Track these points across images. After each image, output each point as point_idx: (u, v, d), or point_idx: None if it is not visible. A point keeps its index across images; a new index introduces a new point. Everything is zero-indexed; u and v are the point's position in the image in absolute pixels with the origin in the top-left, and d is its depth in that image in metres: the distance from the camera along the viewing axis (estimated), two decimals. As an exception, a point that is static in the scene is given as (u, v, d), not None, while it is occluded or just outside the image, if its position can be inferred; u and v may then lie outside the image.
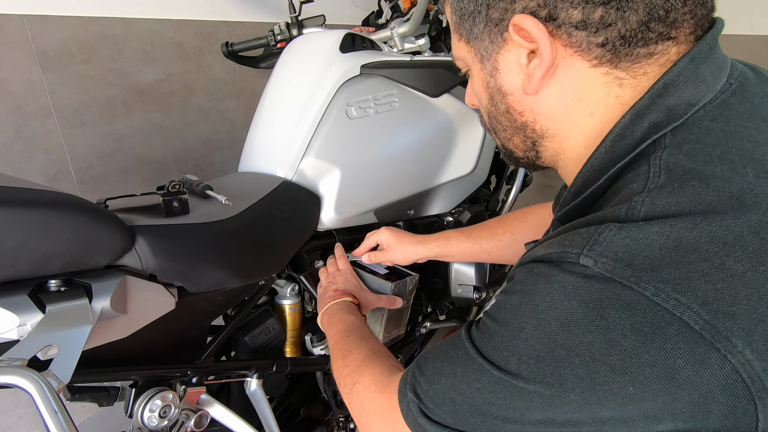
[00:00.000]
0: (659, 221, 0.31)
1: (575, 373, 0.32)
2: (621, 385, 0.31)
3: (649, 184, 0.34)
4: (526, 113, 0.43)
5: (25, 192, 0.45)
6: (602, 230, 0.33)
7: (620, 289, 0.30)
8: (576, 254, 0.33)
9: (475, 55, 0.44)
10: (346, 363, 0.57)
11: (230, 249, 0.64)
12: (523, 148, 0.47)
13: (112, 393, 0.62)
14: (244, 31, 1.75)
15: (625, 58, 0.36)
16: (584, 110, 0.39)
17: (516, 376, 0.35)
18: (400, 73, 0.85)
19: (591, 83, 0.38)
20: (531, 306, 0.35)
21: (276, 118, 0.85)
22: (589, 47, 0.36)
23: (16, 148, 1.28)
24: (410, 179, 0.90)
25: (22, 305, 0.45)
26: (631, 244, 0.31)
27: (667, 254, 0.30)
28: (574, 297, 0.32)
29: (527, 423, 0.35)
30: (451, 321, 1.12)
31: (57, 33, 1.29)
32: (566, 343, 0.32)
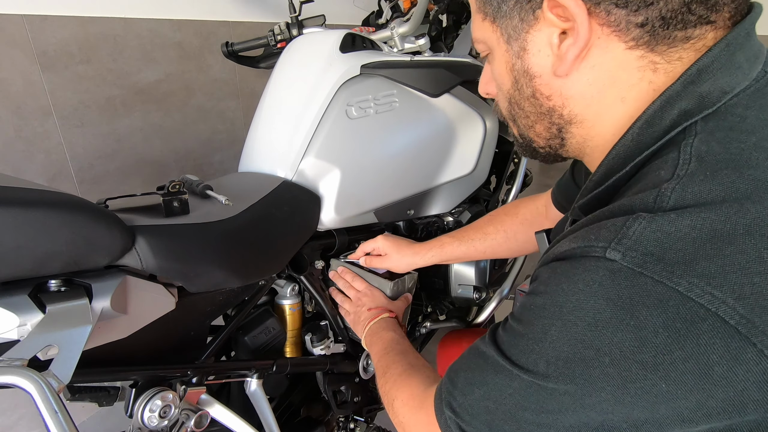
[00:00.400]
0: (692, 212, 0.30)
1: (605, 372, 0.31)
2: (653, 383, 0.30)
3: (679, 170, 0.32)
4: (554, 97, 0.41)
5: (25, 192, 0.45)
6: (631, 222, 0.32)
7: (651, 284, 0.29)
8: (602, 248, 0.32)
9: (501, 35, 0.42)
10: (386, 380, 0.58)
11: (230, 249, 0.64)
12: (547, 135, 0.45)
13: (112, 393, 0.62)
14: (244, 31, 1.74)
15: (663, 41, 0.35)
16: (616, 95, 0.38)
17: (545, 377, 0.34)
18: (400, 73, 0.85)
19: (625, 67, 0.36)
20: (555, 307, 0.34)
21: (276, 118, 0.85)
22: (628, 27, 0.35)
23: (16, 148, 1.28)
24: (410, 179, 0.90)
25: (22, 305, 0.45)
26: (663, 238, 0.30)
27: (701, 247, 0.29)
28: (602, 295, 0.31)
29: (561, 428, 0.34)
30: (451, 321, 1.12)
31: (57, 33, 1.29)
32: (594, 344, 0.31)
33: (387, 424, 1.14)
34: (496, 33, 0.42)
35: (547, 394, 0.34)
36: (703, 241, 0.29)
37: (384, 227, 0.98)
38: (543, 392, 0.34)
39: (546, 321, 0.34)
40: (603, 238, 0.32)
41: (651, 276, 0.29)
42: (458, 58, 0.97)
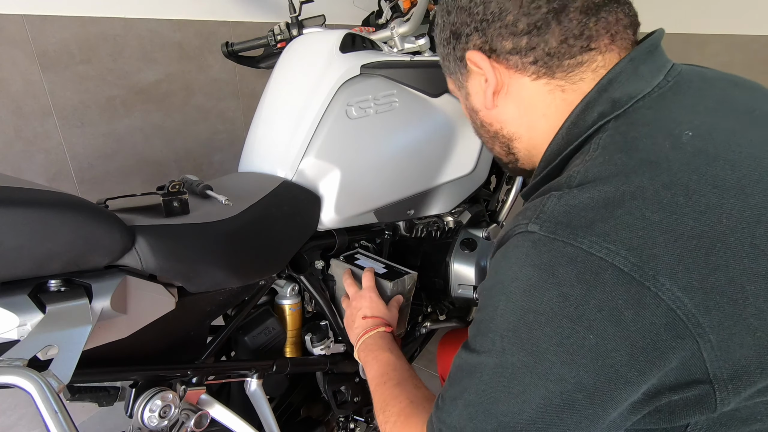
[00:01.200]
0: (590, 186, 0.37)
1: (545, 333, 0.36)
2: (583, 335, 0.34)
3: (587, 157, 0.40)
4: (494, 123, 0.53)
5: (25, 192, 0.45)
6: (545, 200, 0.39)
7: (563, 246, 0.35)
8: (525, 224, 0.39)
9: (456, 85, 0.56)
10: (386, 418, 0.57)
11: (230, 249, 0.64)
12: (504, 153, 0.56)
13: (112, 393, 0.62)
14: (244, 31, 1.75)
15: (558, 69, 0.45)
16: (538, 114, 0.48)
17: (502, 352, 0.38)
18: (400, 73, 0.85)
19: (537, 92, 0.47)
20: (499, 285, 0.40)
21: (276, 118, 0.85)
22: (524, 66, 0.46)
23: (16, 148, 1.28)
24: (410, 179, 0.90)
25: (22, 305, 0.45)
26: (569, 209, 0.37)
27: (598, 213, 0.35)
28: (529, 263, 0.37)
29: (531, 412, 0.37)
30: (451, 321, 1.12)
31: (57, 33, 1.29)
32: (532, 307, 0.36)
33: (387, 424, 1.14)
34: (454, 85, 0.57)
35: (510, 375, 0.38)
36: (599, 207, 0.36)
37: (384, 227, 0.98)
38: (505, 373, 0.38)
39: (494, 298, 0.40)
40: (526, 217, 0.39)
41: (562, 239, 0.36)
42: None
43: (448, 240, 1.00)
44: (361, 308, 0.77)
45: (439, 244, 1.01)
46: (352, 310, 0.78)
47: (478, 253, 0.96)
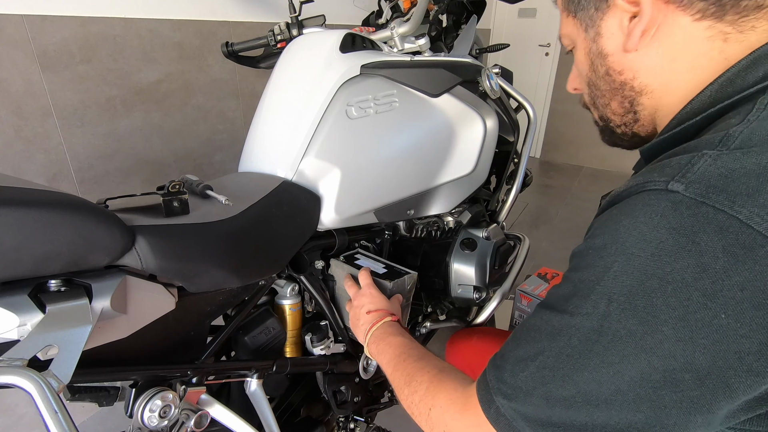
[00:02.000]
0: (757, 151, 0.31)
1: (668, 303, 0.31)
2: (714, 313, 0.30)
3: (750, 116, 0.34)
4: (625, 71, 0.45)
5: (25, 192, 0.45)
6: (696, 159, 0.33)
7: (713, 213, 0.30)
8: (664, 182, 0.33)
9: (581, 25, 0.48)
10: (413, 389, 0.52)
11: (230, 249, 0.64)
12: (621, 111, 0.49)
13: (112, 393, 0.62)
14: (244, 31, 1.75)
15: (731, 11, 0.37)
16: (686, 64, 0.40)
17: (606, 316, 0.33)
18: (400, 73, 0.85)
19: (694, 38, 0.39)
20: (617, 244, 0.34)
21: (276, 118, 0.85)
22: (691, 1, 0.38)
23: (16, 148, 1.28)
24: (410, 179, 0.90)
25: (22, 305, 0.45)
26: (727, 173, 0.31)
27: (765, 182, 0.30)
28: (664, 225, 0.32)
29: (621, 384, 0.33)
30: (451, 321, 1.12)
31: (57, 33, 1.29)
32: (658, 273, 0.32)
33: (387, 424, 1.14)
34: (576, 25, 0.49)
35: (608, 342, 0.33)
36: (767, 177, 0.30)
37: (384, 227, 0.98)
38: (603, 340, 0.34)
39: (608, 259, 0.34)
40: (666, 174, 0.33)
41: (713, 205, 0.30)
42: (458, 58, 0.97)
43: (448, 240, 1.00)
44: (363, 305, 0.76)
45: (439, 244, 1.01)
46: (355, 309, 0.78)
47: (478, 253, 0.96)
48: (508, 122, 1.15)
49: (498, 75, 1.09)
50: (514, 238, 1.17)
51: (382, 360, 0.65)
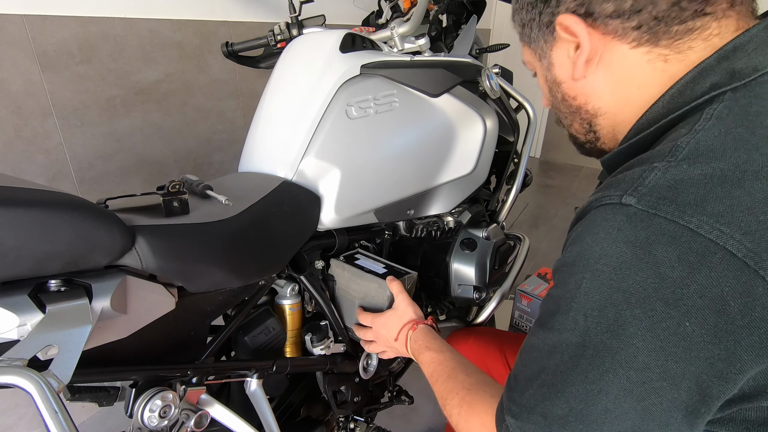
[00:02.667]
0: (703, 161, 0.33)
1: (634, 315, 0.32)
2: (678, 321, 0.31)
3: (697, 127, 0.35)
4: (578, 97, 0.49)
5: (25, 192, 0.45)
6: (647, 172, 0.34)
7: (665, 223, 0.32)
8: (618, 195, 0.35)
9: (536, 55, 0.52)
10: (449, 413, 0.54)
11: (230, 249, 0.64)
12: (583, 131, 0.52)
13: (112, 393, 0.62)
14: (244, 31, 1.75)
15: (664, 36, 0.40)
16: (632, 85, 0.43)
17: (585, 333, 0.35)
18: (400, 73, 0.85)
19: (635, 62, 0.42)
20: (583, 261, 0.36)
21: (276, 118, 0.85)
22: (625, 32, 0.41)
23: (16, 148, 1.28)
24: (410, 179, 0.90)
25: (22, 305, 0.45)
26: (676, 184, 0.33)
27: (711, 191, 0.31)
28: (621, 239, 0.33)
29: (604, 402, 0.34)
30: (451, 321, 1.12)
31: (57, 33, 1.29)
32: (621, 286, 0.33)
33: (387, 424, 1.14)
34: (533, 55, 0.52)
35: (590, 356, 0.34)
36: (714, 185, 0.32)
37: (384, 227, 0.98)
38: (586, 354, 0.35)
39: (578, 275, 0.36)
40: (620, 189, 0.35)
41: (664, 216, 0.32)
42: (458, 58, 0.97)
43: (448, 240, 1.00)
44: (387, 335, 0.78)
45: (439, 244, 1.01)
46: (383, 341, 0.80)
47: (478, 253, 0.96)
48: (508, 122, 1.15)
49: (498, 75, 1.09)
50: (514, 238, 1.17)
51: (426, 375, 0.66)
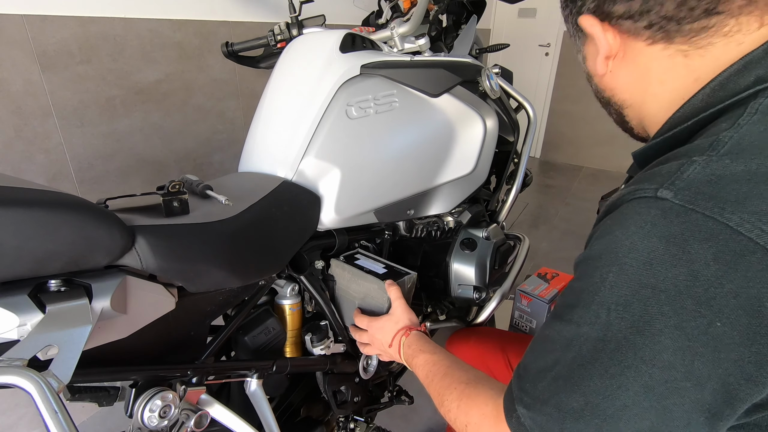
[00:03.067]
0: (746, 156, 0.32)
1: (662, 312, 0.31)
2: (709, 320, 0.30)
3: (741, 121, 0.35)
4: (606, 90, 0.51)
5: (25, 192, 0.45)
6: (686, 167, 0.34)
7: (702, 219, 0.31)
8: (654, 189, 0.34)
9: (575, 49, 0.54)
10: (447, 409, 0.54)
11: (230, 249, 0.64)
12: (619, 121, 0.54)
13: (112, 393, 0.62)
14: (244, 31, 1.75)
15: (677, 34, 0.40)
16: (654, 79, 0.44)
17: (607, 327, 0.34)
18: (400, 73, 0.85)
19: (654, 57, 0.43)
20: (611, 254, 0.35)
21: (276, 118, 0.85)
22: (637, 31, 0.43)
23: (16, 148, 1.28)
24: (410, 179, 0.90)
25: (22, 305, 0.45)
26: (716, 180, 0.32)
27: (755, 188, 0.31)
28: (654, 234, 0.32)
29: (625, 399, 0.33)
30: (451, 321, 1.12)
31: (57, 33, 1.29)
32: (651, 281, 0.32)
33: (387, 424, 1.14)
34: (575, 48, 0.54)
35: (611, 351, 0.34)
36: (757, 182, 0.31)
37: (384, 227, 0.98)
38: (607, 349, 0.34)
39: (603, 269, 0.35)
40: (656, 182, 0.34)
41: (702, 212, 0.31)
42: (458, 58, 0.97)
43: (448, 240, 1.00)
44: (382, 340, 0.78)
45: (439, 244, 1.01)
46: (378, 345, 0.80)
47: (478, 253, 0.96)
48: (508, 122, 1.15)
49: (498, 75, 1.09)
50: (514, 238, 1.17)
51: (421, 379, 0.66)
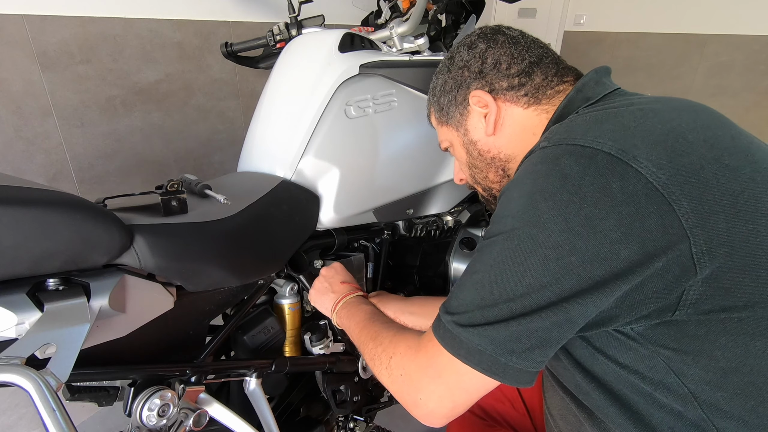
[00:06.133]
0: (581, 116, 0.50)
1: (548, 205, 0.43)
2: (579, 205, 0.41)
3: (564, 121, 0.53)
4: (491, 149, 0.64)
5: (25, 191, 0.46)
6: (548, 133, 0.50)
7: (565, 146, 0.45)
8: (536, 146, 0.49)
9: (453, 128, 0.68)
10: (378, 342, 0.60)
11: (229, 248, 0.64)
12: (498, 179, 0.66)
13: (112, 393, 0.62)
14: (244, 31, 1.75)
15: (544, 97, 0.60)
16: (529, 132, 0.61)
17: (513, 229, 0.45)
18: (399, 73, 0.85)
19: (528, 116, 0.61)
20: (514, 183, 0.48)
21: (275, 117, 0.85)
22: (518, 98, 0.60)
23: (16, 148, 1.28)
24: (409, 178, 0.90)
25: (20, 304, 0.45)
26: (568, 128, 0.48)
27: (590, 126, 0.46)
28: (538, 161, 0.46)
29: (529, 279, 0.43)
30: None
31: (57, 33, 1.29)
32: (538, 188, 0.44)
33: (387, 424, 1.14)
34: (450, 129, 0.69)
35: (515, 246, 0.44)
36: (590, 122, 0.47)
37: (383, 226, 0.98)
38: (512, 245, 0.44)
39: (509, 193, 0.47)
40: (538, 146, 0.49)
41: (565, 143, 0.45)
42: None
43: (448, 239, 1.00)
44: (334, 275, 0.79)
45: (439, 243, 1.01)
46: (327, 278, 0.79)
47: (477, 253, 0.96)
48: (507, 122, 1.15)
49: (497, 75, 1.09)
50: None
51: (351, 322, 0.71)
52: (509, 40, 0.62)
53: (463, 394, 0.48)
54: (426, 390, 0.49)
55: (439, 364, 0.48)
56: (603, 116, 0.48)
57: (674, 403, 0.46)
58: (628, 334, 0.46)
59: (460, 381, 0.47)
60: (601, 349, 0.48)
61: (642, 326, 0.45)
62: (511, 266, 0.44)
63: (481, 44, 0.63)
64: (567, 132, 0.47)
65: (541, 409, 0.85)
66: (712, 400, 0.44)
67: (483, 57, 0.63)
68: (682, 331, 0.44)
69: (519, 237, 0.44)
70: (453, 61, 0.67)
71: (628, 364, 0.47)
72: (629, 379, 0.47)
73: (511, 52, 0.61)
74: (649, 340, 0.45)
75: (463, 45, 0.66)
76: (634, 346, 0.46)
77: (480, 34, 0.65)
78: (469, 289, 0.47)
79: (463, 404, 0.49)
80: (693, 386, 0.45)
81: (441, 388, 0.48)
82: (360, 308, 0.72)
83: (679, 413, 0.46)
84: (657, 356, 0.45)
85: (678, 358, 0.45)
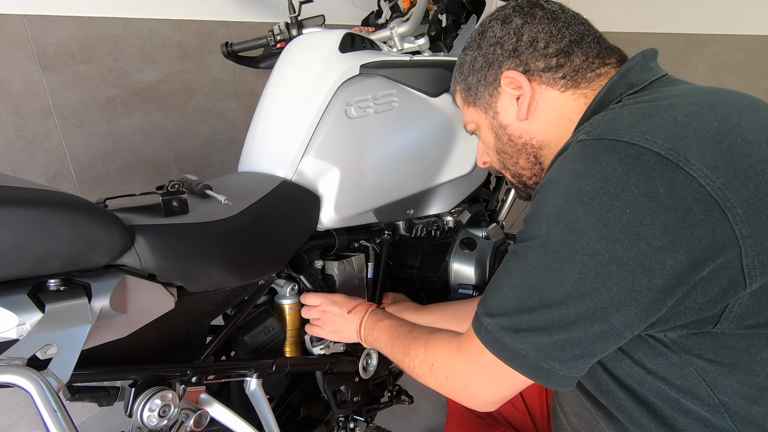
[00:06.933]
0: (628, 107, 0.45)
1: (585, 209, 0.40)
2: (620, 210, 0.38)
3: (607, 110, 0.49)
4: (523, 135, 0.59)
5: (25, 192, 0.45)
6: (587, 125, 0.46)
7: (607, 142, 0.41)
8: (574, 139, 0.45)
9: (481, 110, 0.63)
10: (413, 356, 0.60)
11: (229, 248, 0.64)
12: (528, 166, 0.62)
13: (112, 393, 0.62)
14: (244, 31, 1.75)
15: (582, 81, 0.54)
16: (564, 118, 0.56)
17: (548, 234, 0.43)
18: (400, 73, 0.85)
19: (564, 101, 0.55)
20: (549, 182, 0.44)
21: (275, 117, 0.85)
22: (555, 80, 0.55)
23: (16, 148, 1.28)
24: (410, 179, 0.90)
25: (21, 304, 0.45)
26: (612, 120, 0.44)
27: (637, 120, 0.42)
28: (576, 158, 0.42)
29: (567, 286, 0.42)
30: (451, 321, 1.11)
31: (57, 33, 1.29)
32: (575, 190, 0.41)
33: (387, 424, 1.14)
34: (478, 110, 0.64)
35: (552, 252, 0.42)
36: (638, 116, 0.42)
37: (384, 227, 0.98)
38: (548, 251, 0.43)
39: (543, 194, 0.45)
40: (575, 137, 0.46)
41: (607, 138, 0.41)
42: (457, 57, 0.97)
43: (448, 240, 1.00)
44: (337, 311, 0.79)
45: (439, 243, 1.01)
46: (331, 318, 0.79)
47: (477, 253, 0.96)
48: (507, 122, 1.15)
49: (497, 75, 1.09)
50: (514, 237, 1.17)
51: (380, 345, 0.72)
52: (548, 14, 0.55)
53: (510, 386, 0.49)
54: (475, 385, 0.51)
55: (484, 362, 0.49)
56: (651, 109, 0.43)
57: (702, 411, 0.44)
58: (661, 340, 0.44)
59: (506, 377, 0.48)
60: (627, 352, 0.47)
61: (677, 334, 0.43)
62: (547, 273, 0.42)
63: (516, 19, 0.56)
64: (610, 125, 0.42)
65: (542, 409, 0.85)
66: (744, 413, 0.43)
67: (518, 33, 0.56)
68: (720, 342, 0.42)
69: (555, 243, 0.42)
70: (484, 36, 0.60)
71: (656, 370, 0.45)
72: (655, 384, 0.46)
73: (550, 28, 0.55)
74: (683, 348, 0.43)
75: (496, 18, 0.59)
76: (664, 352, 0.44)
77: (516, 6, 0.58)
78: (507, 293, 0.46)
79: (512, 392, 0.50)
80: (726, 398, 0.43)
81: (488, 382, 0.50)
82: (378, 328, 0.73)
83: (706, 420, 0.44)
84: (689, 365, 0.44)
85: (712, 368, 0.43)
